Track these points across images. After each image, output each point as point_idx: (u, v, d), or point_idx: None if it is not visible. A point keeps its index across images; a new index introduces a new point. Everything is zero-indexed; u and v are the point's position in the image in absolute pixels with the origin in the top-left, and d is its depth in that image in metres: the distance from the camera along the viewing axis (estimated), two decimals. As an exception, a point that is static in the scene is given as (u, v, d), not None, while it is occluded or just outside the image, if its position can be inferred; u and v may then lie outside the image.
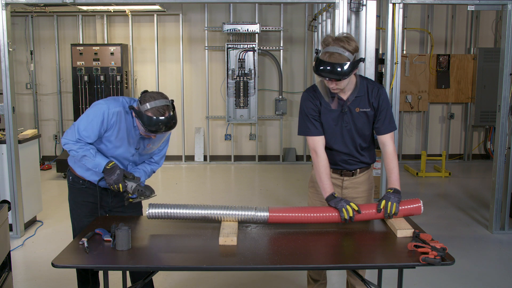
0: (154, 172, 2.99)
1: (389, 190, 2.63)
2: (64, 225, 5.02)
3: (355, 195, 2.90)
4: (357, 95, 2.71)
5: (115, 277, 2.88)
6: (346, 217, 2.52)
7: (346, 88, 2.67)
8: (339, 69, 2.48)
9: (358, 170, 2.87)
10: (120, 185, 2.65)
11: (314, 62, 2.58)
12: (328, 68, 2.49)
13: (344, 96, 2.71)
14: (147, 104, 2.56)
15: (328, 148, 2.81)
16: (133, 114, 2.66)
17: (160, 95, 2.61)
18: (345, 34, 2.59)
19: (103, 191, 2.88)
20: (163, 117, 2.55)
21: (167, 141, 2.99)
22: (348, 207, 2.53)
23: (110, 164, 2.65)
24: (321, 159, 2.73)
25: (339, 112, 2.73)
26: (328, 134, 2.78)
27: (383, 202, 2.57)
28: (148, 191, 2.69)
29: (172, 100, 2.66)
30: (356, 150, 2.82)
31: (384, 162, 2.78)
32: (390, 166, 2.72)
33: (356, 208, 2.54)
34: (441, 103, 8.20)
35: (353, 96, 2.71)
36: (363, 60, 2.62)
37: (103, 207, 2.88)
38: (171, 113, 2.60)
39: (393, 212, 2.54)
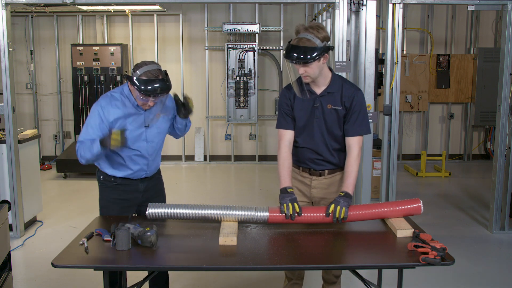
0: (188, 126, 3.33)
1: (341, 193, 2.60)
2: (64, 225, 5.03)
3: (323, 195, 2.88)
4: (330, 91, 2.72)
5: (115, 277, 2.88)
6: (286, 211, 2.52)
7: (318, 81, 2.70)
8: (306, 52, 2.53)
9: (326, 171, 2.85)
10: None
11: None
12: (296, 51, 2.55)
13: (318, 90, 2.74)
14: (140, 69, 2.66)
15: (298, 146, 2.83)
16: (129, 83, 2.75)
17: (151, 62, 2.72)
18: (317, 23, 2.62)
19: (135, 186, 2.95)
20: (156, 79, 2.64)
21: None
22: (290, 204, 2.54)
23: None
24: (282, 152, 2.78)
25: (311, 107, 2.74)
26: (300, 129, 2.79)
27: (332, 206, 2.54)
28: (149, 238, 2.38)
29: (165, 70, 2.75)
30: (327, 149, 2.80)
31: (345, 164, 2.74)
32: (349, 170, 2.70)
33: (298, 210, 2.53)
34: (441, 103, 8.20)
35: (325, 91, 2.72)
36: (332, 48, 2.64)
37: (134, 201, 2.95)
38: (164, 77, 2.69)
39: (341, 217, 2.51)
